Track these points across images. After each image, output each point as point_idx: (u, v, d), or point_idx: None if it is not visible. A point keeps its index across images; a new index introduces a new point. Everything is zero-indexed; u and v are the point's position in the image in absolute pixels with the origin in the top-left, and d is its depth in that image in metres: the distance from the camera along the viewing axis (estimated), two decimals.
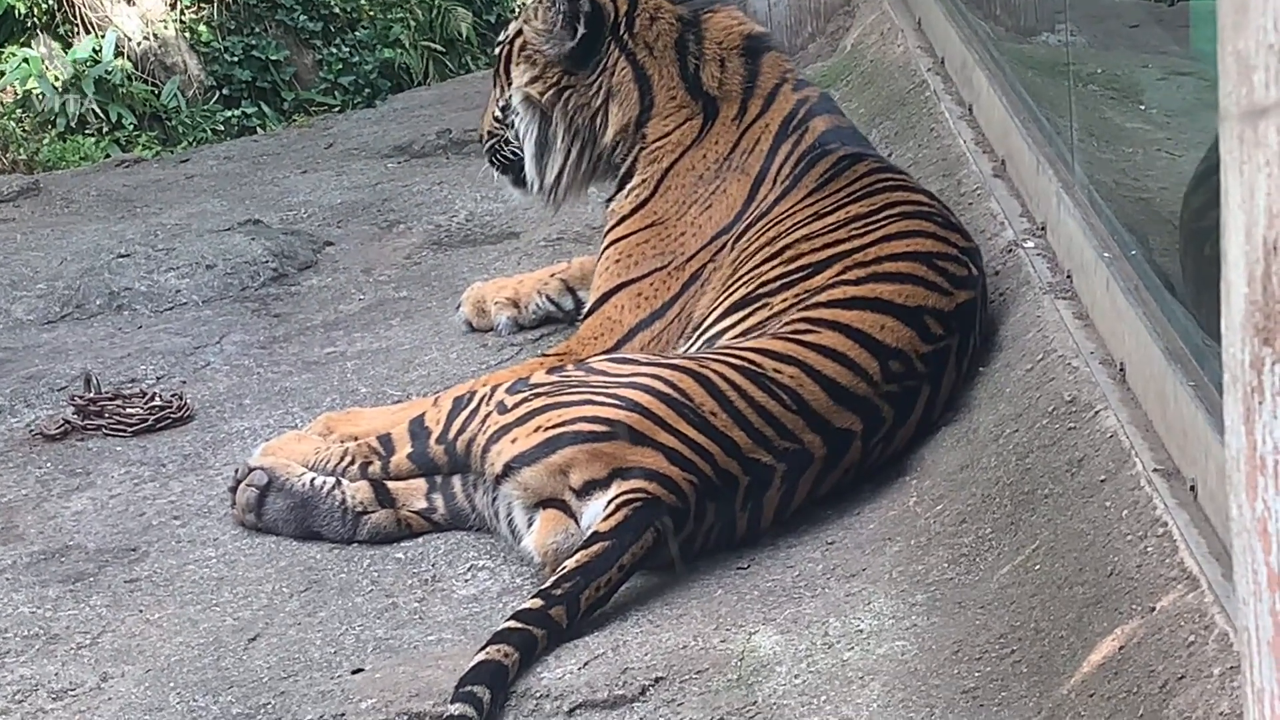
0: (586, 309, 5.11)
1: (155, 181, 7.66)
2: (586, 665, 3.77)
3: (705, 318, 4.74)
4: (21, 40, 11.57)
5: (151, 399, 5.33)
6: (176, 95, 11.62)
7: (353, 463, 4.54)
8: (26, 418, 5.37)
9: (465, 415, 4.41)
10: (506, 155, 5.33)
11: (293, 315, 6.04)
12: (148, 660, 4.05)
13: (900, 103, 6.16)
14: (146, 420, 5.23)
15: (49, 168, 10.12)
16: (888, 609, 3.79)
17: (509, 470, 4.22)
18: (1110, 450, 3.70)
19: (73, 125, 11.18)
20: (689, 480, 4.12)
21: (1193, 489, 3.41)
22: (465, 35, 12.52)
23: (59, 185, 7.68)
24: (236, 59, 11.92)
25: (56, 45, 11.64)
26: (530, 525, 4.18)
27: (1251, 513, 1.65)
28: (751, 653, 3.71)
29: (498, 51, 5.34)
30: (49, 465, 5.07)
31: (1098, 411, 3.83)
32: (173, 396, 5.36)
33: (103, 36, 11.59)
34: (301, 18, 12.17)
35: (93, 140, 11.05)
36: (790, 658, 3.67)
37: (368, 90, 11.98)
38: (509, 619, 3.85)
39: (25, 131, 11.05)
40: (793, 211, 4.81)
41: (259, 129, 11.10)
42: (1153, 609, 3.21)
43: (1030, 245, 4.71)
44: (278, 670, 3.95)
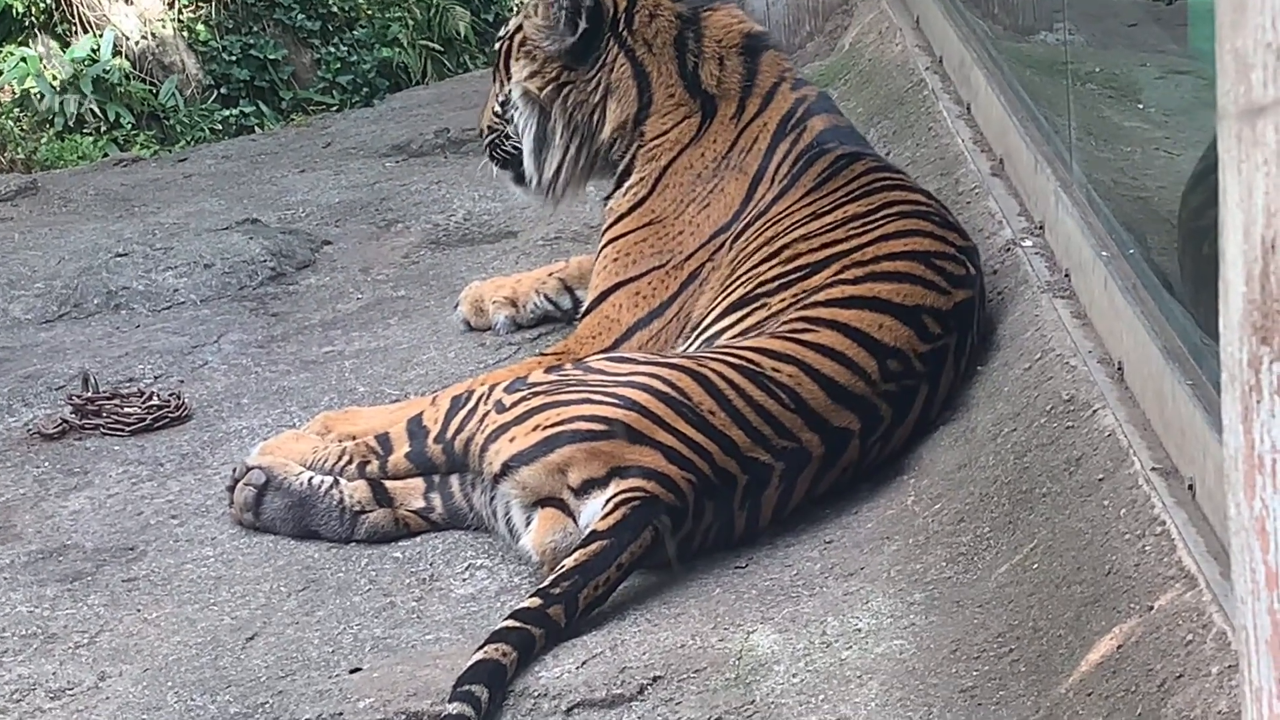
0: (584, 308, 5.11)
1: (153, 181, 7.66)
2: (585, 664, 3.77)
3: (704, 317, 4.73)
4: (20, 39, 11.57)
5: (149, 398, 5.33)
6: (174, 94, 11.61)
7: (350, 462, 4.54)
8: (24, 417, 5.36)
9: (463, 414, 4.41)
10: (506, 150, 5.33)
11: (291, 314, 6.04)
12: (145, 659, 4.05)
13: (898, 101, 6.15)
14: (144, 419, 5.23)
15: (47, 167, 10.12)
16: (886, 608, 3.79)
17: (507, 469, 4.21)
18: (1108, 449, 3.70)
19: (71, 124, 11.18)
20: (687, 479, 4.12)
21: (1191, 488, 3.41)
22: (463, 34, 12.53)
23: (57, 184, 7.68)
24: (234, 58, 11.92)
25: (55, 44, 11.64)
26: (528, 524, 4.18)
27: (1249, 511, 1.65)
28: (749, 652, 3.71)
29: (498, 47, 5.34)
30: (47, 464, 5.07)
31: (1096, 410, 3.83)
32: (170, 396, 5.36)
33: (101, 36, 11.59)
34: (299, 17, 12.17)
35: (90, 139, 11.05)
36: (788, 657, 3.67)
37: (366, 89, 11.98)
38: (507, 618, 3.85)
39: (23, 131, 11.05)
40: (790, 211, 4.81)
41: (257, 128, 11.10)
42: (1151, 608, 3.21)
43: (1028, 244, 4.71)
44: (275, 669, 3.94)
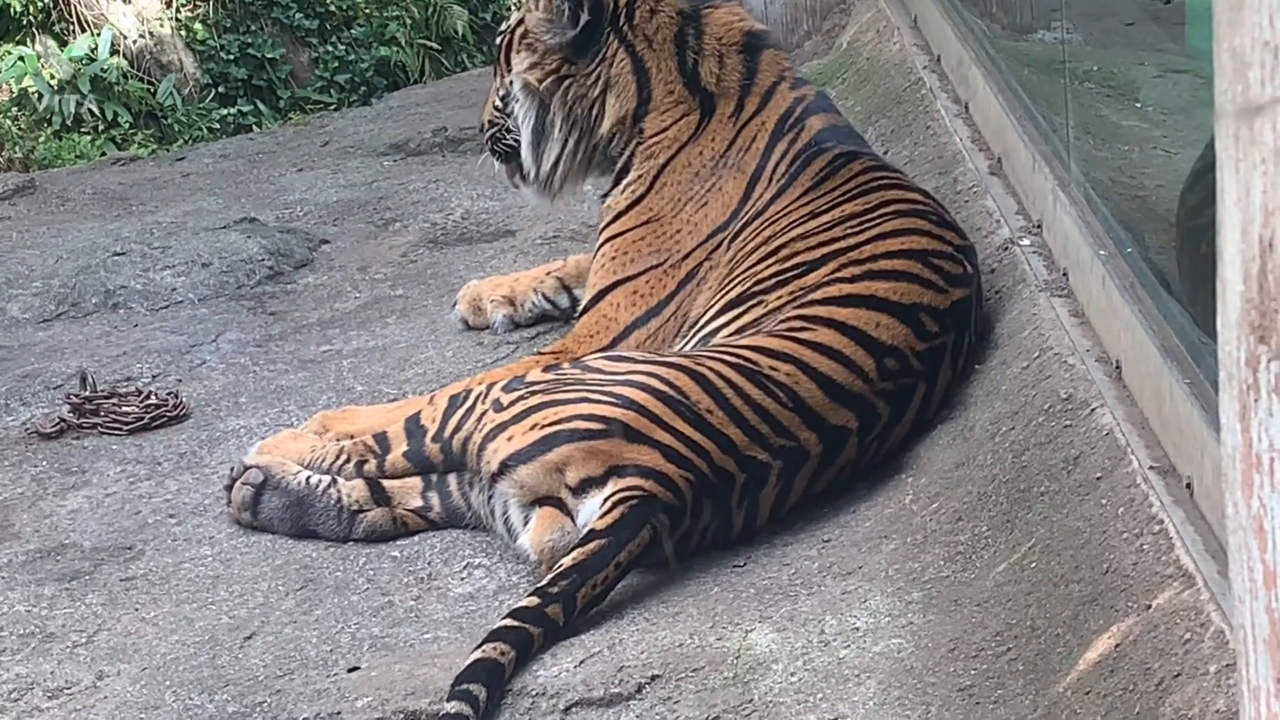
0: (582, 306, 5.10)
1: (151, 180, 7.66)
2: (583, 663, 3.77)
3: (701, 316, 4.73)
4: (17, 39, 11.57)
5: (147, 397, 5.33)
6: (172, 93, 11.61)
7: (348, 461, 4.54)
8: (22, 416, 5.36)
9: (461, 413, 4.41)
10: (507, 144, 5.32)
11: (289, 313, 6.04)
12: (143, 659, 4.05)
13: (896, 100, 6.15)
14: (142, 419, 5.22)
15: (45, 166, 10.12)
16: (884, 607, 3.79)
17: (505, 468, 4.21)
18: (1106, 448, 3.69)
19: (68, 123, 11.18)
20: (685, 478, 4.12)
21: (1189, 486, 3.41)
22: (461, 33, 12.52)
23: (55, 184, 7.68)
24: (232, 57, 11.91)
25: (53, 43, 11.64)
26: (526, 523, 4.18)
27: (1247, 510, 1.65)
28: (747, 650, 3.71)
29: (499, 41, 5.33)
30: (45, 464, 5.07)
31: (1094, 409, 3.83)
32: (168, 395, 5.36)
33: (99, 35, 11.59)
34: (297, 16, 12.16)
35: (88, 138, 11.04)
36: (786, 655, 3.67)
37: (364, 88, 11.98)
38: (505, 617, 3.85)
39: (21, 130, 11.04)
40: (788, 210, 4.81)
41: (255, 127, 11.09)
42: (1149, 606, 3.21)
43: (1026, 243, 4.71)
44: (273, 668, 3.94)
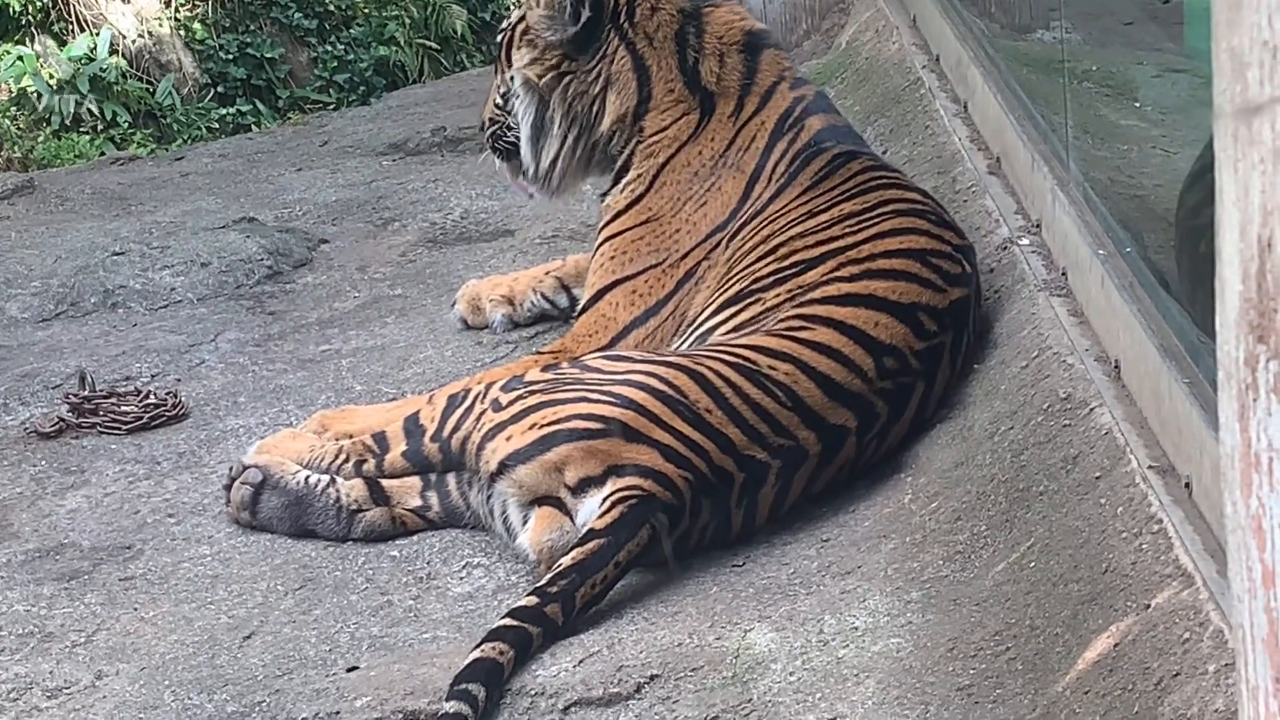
0: (581, 306, 5.10)
1: (150, 179, 7.66)
2: (582, 663, 3.77)
3: (699, 314, 4.73)
4: (16, 38, 11.57)
5: (146, 397, 5.33)
6: (171, 93, 11.61)
7: (347, 460, 4.54)
8: (21, 415, 5.36)
9: (460, 413, 4.41)
10: (508, 141, 5.31)
11: (288, 313, 6.04)
12: (142, 658, 4.05)
13: (895, 100, 6.15)
14: (141, 418, 5.22)
15: (44, 166, 10.12)
16: (883, 606, 3.79)
17: (504, 468, 4.21)
18: (1105, 447, 3.70)
19: (67, 123, 11.18)
20: (684, 477, 4.12)
21: (1187, 486, 3.41)
22: (460, 33, 12.52)
23: (54, 183, 7.68)
24: (231, 56, 11.91)
25: (52, 43, 11.63)
26: (525, 523, 4.18)
27: (1246, 510, 1.65)
28: (746, 650, 3.71)
29: (500, 39, 5.33)
30: (44, 463, 5.07)
31: (1093, 408, 3.83)
32: (167, 394, 5.36)
33: (97, 34, 11.58)
34: (296, 15, 12.16)
35: (87, 138, 11.04)
36: (785, 655, 3.67)
37: (363, 88, 11.98)
38: (504, 617, 3.85)
39: (20, 129, 11.04)
40: (787, 209, 4.81)
41: (254, 127, 11.09)
42: (1148, 606, 3.21)
43: (1025, 242, 4.71)
44: (272, 668, 3.94)
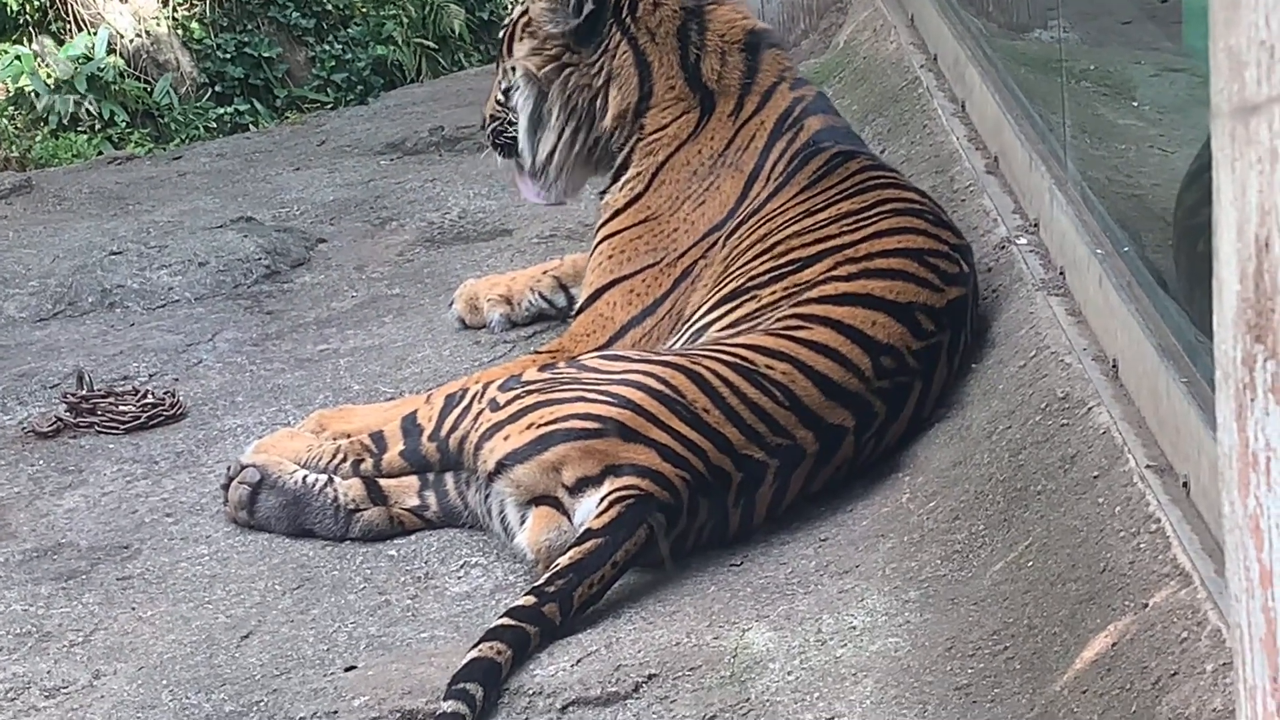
0: (578, 305, 5.10)
1: (148, 179, 7.65)
2: (579, 662, 3.76)
3: (695, 312, 4.73)
4: (14, 38, 11.56)
5: (144, 396, 5.33)
6: (169, 92, 11.60)
7: (345, 460, 4.54)
8: (19, 415, 5.36)
9: (458, 412, 4.41)
10: (509, 137, 5.30)
11: (285, 312, 6.04)
12: (140, 658, 4.04)
13: (893, 99, 6.15)
14: (139, 418, 5.22)
15: (41, 165, 10.11)
16: (881, 606, 3.79)
17: (501, 467, 4.21)
18: (1103, 447, 3.69)
19: (65, 122, 11.17)
20: (682, 477, 4.12)
21: (1185, 485, 3.41)
22: (458, 32, 12.51)
23: (51, 183, 7.68)
24: (229, 56, 11.90)
25: (49, 42, 11.62)
26: (523, 522, 4.18)
27: (1244, 509, 1.65)
28: (744, 649, 3.71)
29: (502, 35, 5.32)
30: (41, 463, 5.06)
31: (1090, 408, 3.83)
32: (165, 394, 5.36)
33: (95, 34, 11.58)
34: (294, 14, 12.15)
35: (85, 137, 11.03)
36: (783, 654, 3.67)
37: (360, 87, 11.97)
38: (502, 616, 3.85)
39: (18, 129, 11.03)
40: (784, 208, 4.81)
41: (251, 126, 11.09)
42: (1145, 605, 3.21)
43: (1023, 242, 4.71)
44: (270, 668, 3.94)
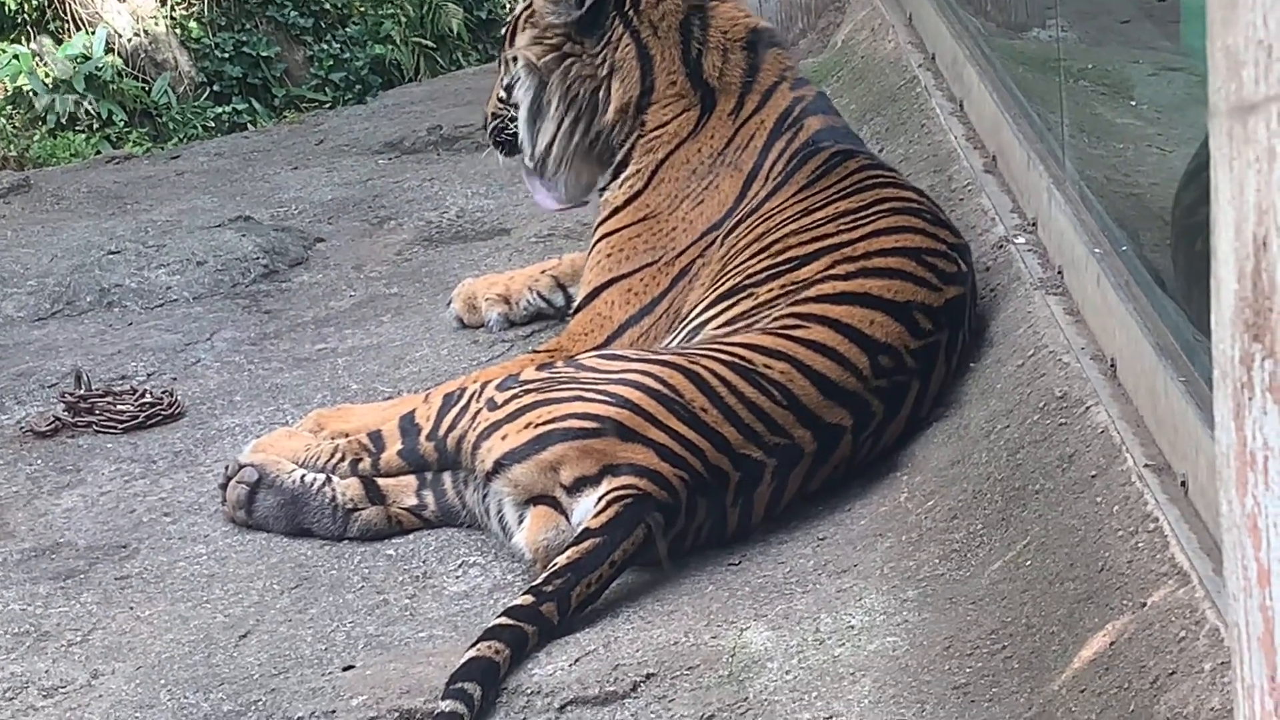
0: (576, 304, 5.10)
1: (146, 178, 7.65)
2: (578, 662, 3.76)
3: (692, 310, 4.73)
4: (12, 37, 11.56)
5: (142, 396, 5.33)
6: (167, 92, 11.61)
7: (343, 459, 4.54)
8: (17, 414, 5.36)
9: (456, 412, 4.41)
10: (510, 134, 5.29)
11: (283, 312, 6.03)
12: (138, 657, 4.04)
13: (891, 99, 6.15)
14: (137, 417, 5.22)
15: (39, 164, 10.11)
16: (879, 605, 3.79)
17: (499, 467, 4.21)
18: (1101, 446, 3.69)
19: (63, 122, 11.17)
20: (680, 476, 4.12)
21: (1183, 484, 3.41)
22: (456, 31, 12.51)
23: (49, 182, 7.67)
24: (227, 55, 11.91)
25: (48, 42, 11.62)
26: (521, 522, 4.18)
27: (1242, 508, 1.65)
28: (743, 649, 3.71)
29: (504, 32, 5.31)
30: (39, 462, 5.06)
31: (1089, 407, 3.83)
32: (163, 393, 5.35)
33: (93, 33, 11.58)
34: (292, 14, 12.16)
35: (83, 137, 11.03)
36: (781, 654, 3.67)
37: (359, 86, 11.97)
38: (500, 615, 3.85)
39: (16, 128, 11.04)
40: (782, 207, 4.81)
41: (250, 125, 11.09)
42: (1144, 604, 3.21)
43: (1021, 241, 4.71)
44: (268, 667, 3.94)
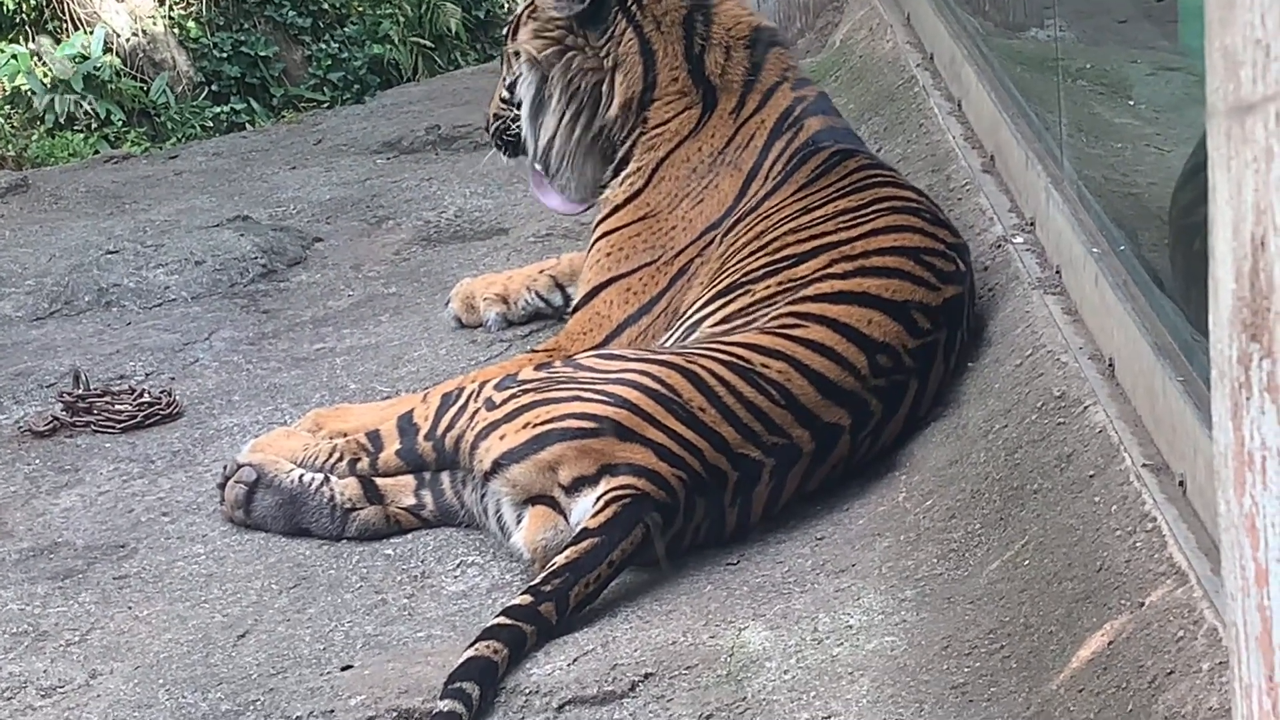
0: (575, 304, 5.10)
1: (144, 178, 7.65)
2: (576, 661, 3.76)
3: (690, 308, 4.73)
4: (11, 37, 11.55)
5: (140, 395, 5.33)
6: (165, 91, 11.60)
7: (341, 459, 4.54)
8: (15, 414, 5.36)
9: (454, 412, 4.41)
10: (512, 134, 5.28)
11: (282, 311, 6.03)
12: (137, 657, 4.04)
13: (889, 98, 6.15)
14: (135, 417, 5.22)
15: (38, 164, 10.11)
16: (877, 604, 3.79)
17: (498, 467, 4.21)
18: (1099, 445, 3.70)
19: (61, 122, 11.17)
20: (678, 476, 4.12)
21: (1181, 484, 3.41)
22: (455, 31, 12.51)
23: (48, 182, 7.67)
24: (225, 55, 11.90)
25: (46, 41, 11.62)
26: (519, 522, 4.18)
27: (1239, 508, 1.65)
28: (741, 648, 3.71)
29: (506, 30, 5.30)
30: (38, 462, 5.06)
31: (1087, 407, 3.83)
32: (162, 393, 5.35)
33: (92, 33, 11.57)
34: (290, 14, 12.15)
35: (81, 137, 11.03)
36: (779, 653, 3.67)
37: (357, 86, 11.97)
38: (498, 615, 3.85)
39: (14, 128, 11.03)
40: (781, 206, 4.81)
41: (248, 125, 11.09)
42: (1142, 604, 3.21)
43: (1019, 240, 4.71)
44: (267, 667, 3.94)
